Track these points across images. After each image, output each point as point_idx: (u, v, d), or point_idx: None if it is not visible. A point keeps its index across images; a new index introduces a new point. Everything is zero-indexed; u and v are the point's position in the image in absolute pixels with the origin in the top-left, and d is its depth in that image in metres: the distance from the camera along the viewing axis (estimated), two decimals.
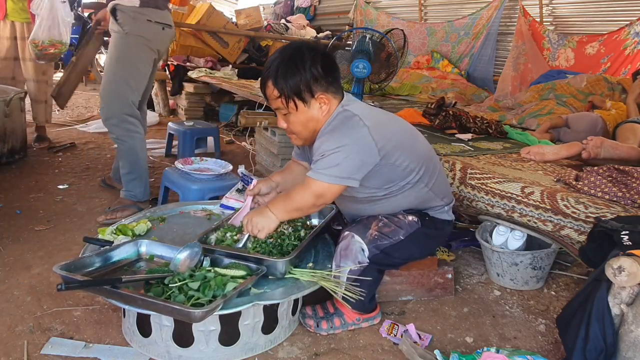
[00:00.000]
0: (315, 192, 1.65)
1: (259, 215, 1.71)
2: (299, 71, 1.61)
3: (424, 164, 1.78)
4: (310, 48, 1.67)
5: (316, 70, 1.63)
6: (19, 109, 3.60)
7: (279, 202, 1.74)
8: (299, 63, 1.62)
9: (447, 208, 1.92)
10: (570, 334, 1.45)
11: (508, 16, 5.71)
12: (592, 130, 3.00)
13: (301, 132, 1.72)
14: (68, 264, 1.52)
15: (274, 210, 1.70)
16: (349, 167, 1.61)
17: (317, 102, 1.67)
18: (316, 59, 1.64)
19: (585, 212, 1.86)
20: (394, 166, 1.70)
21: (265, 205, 1.76)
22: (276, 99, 1.66)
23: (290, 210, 1.72)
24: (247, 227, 1.72)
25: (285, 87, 1.62)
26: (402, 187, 1.77)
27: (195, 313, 1.33)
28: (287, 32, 7.24)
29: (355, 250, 1.73)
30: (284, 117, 1.71)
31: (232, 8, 9.35)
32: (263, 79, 1.68)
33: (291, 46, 1.70)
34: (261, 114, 3.58)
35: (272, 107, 1.72)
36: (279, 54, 1.66)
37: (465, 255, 2.50)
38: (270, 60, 1.67)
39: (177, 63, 5.71)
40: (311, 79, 1.63)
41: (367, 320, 1.83)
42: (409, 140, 1.79)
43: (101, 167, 3.63)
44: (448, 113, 3.27)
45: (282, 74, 1.61)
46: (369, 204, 1.81)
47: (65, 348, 1.59)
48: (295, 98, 1.64)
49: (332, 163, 1.60)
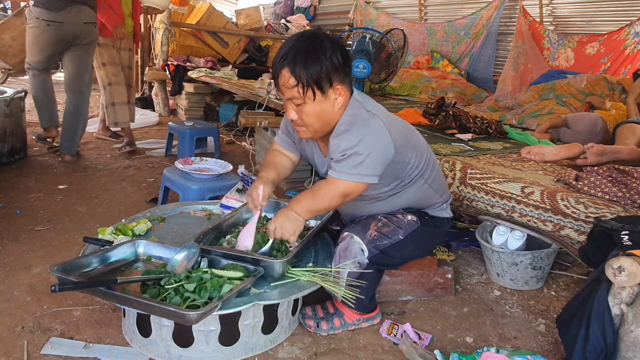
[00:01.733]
0: (342, 192, 1.62)
1: (286, 219, 1.67)
2: (319, 59, 1.54)
3: (425, 160, 1.79)
4: (328, 36, 1.60)
5: (336, 59, 1.56)
6: (19, 109, 3.60)
7: (303, 202, 1.69)
8: (319, 50, 1.54)
9: (445, 205, 1.93)
10: (570, 334, 1.45)
11: (508, 16, 5.72)
12: (592, 131, 3.01)
13: (314, 123, 1.63)
14: (64, 265, 1.52)
15: (299, 211, 1.68)
16: (372, 164, 1.59)
17: (334, 93, 1.60)
18: (336, 47, 1.58)
19: (585, 212, 1.86)
20: (402, 163, 1.70)
21: (288, 208, 1.70)
22: (292, 88, 1.56)
23: (317, 210, 1.70)
24: (276, 233, 1.68)
25: (304, 75, 1.53)
26: (406, 184, 1.77)
27: (190, 315, 1.33)
28: (287, 32, 7.24)
29: (354, 250, 1.73)
30: (296, 108, 1.61)
31: (232, 8, 9.35)
32: (277, 67, 1.57)
33: (308, 34, 1.61)
34: (261, 114, 3.58)
35: (285, 97, 1.61)
36: (296, 41, 1.57)
37: (465, 255, 2.50)
38: (285, 48, 1.57)
39: (177, 63, 5.71)
40: (331, 68, 1.56)
41: (367, 320, 1.83)
42: (413, 136, 1.79)
43: (101, 167, 3.63)
44: (448, 113, 3.27)
45: (301, 61, 1.53)
46: (371, 202, 1.81)
47: (65, 348, 1.59)
48: (314, 87, 1.56)
49: (356, 162, 1.58)
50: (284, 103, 1.66)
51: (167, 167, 2.81)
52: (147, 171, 3.63)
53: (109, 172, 3.53)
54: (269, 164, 1.92)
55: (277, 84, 1.62)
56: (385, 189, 1.75)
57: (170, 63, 5.72)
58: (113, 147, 4.23)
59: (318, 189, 1.68)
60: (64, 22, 3.44)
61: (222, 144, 4.38)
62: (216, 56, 6.17)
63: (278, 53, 1.59)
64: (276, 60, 1.59)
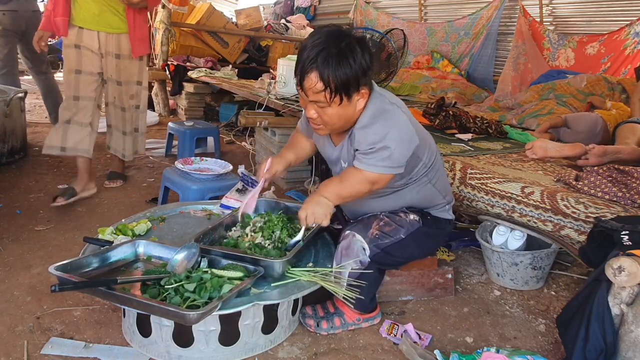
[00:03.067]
0: (370, 179, 1.64)
1: (317, 204, 1.69)
2: (350, 64, 1.50)
3: (433, 160, 1.81)
4: (356, 37, 1.56)
5: (365, 62, 1.54)
6: (19, 109, 3.61)
7: (332, 187, 1.71)
8: (350, 54, 1.51)
9: (448, 207, 1.93)
10: (570, 334, 1.45)
11: (508, 16, 5.72)
12: (593, 131, 3.01)
13: (335, 124, 1.63)
14: (64, 265, 1.52)
15: (329, 196, 1.70)
16: (400, 156, 1.62)
17: (358, 97, 1.60)
18: (364, 49, 1.55)
19: (585, 212, 1.86)
20: (418, 158, 1.73)
21: (317, 193, 1.72)
22: (319, 92, 1.53)
23: (346, 196, 1.71)
24: (308, 219, 1.69)
25: (334, 81, 1.50)
26: (413, 181, 1.78)
27: (190, 315, 1.33)
28: (287, 32, 7.24)
29: (356, 249, 1.73)
30: (318, 109, 1.59)
31: (232, 8, 9.35)
32: (304, 69, 1.52)
33: (337, 33, 1.55)
34: (261, 114, 3.58)
35: (309, 99, 1.58)
36: (324, 42, 1.51)
37: (465, 255, 2.50)
38: (315, 49, 1.51)
39: (177, 63, 5.71)
40: (360, 73, 1.54)
41: (368, 320, 1.83)
42: (427, 136, 1.82)
43: (101, 167, 3.63)
44: (448, 113, 3.27)
45: (332, 66, 1.49)
46: (375, 198, 1.81)
47: (65, 348, 1.59)
48: (342, 93, 1.53)
49: (384, 155, 1.60)
50: (304, 102, 1.64)
51: (167, 167, 2.81)
52: (147, 171, 3.63)
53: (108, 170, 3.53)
54: (289, 145, 2.01)
55: (301, 84, 1.57)
56: (396, 182, 1.76)
57: (170, 63, 5.72)
58: None
59: (347, 175, 1.69)
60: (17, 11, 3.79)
61: (222, 144, 4.38)
62: (216, 56, 6.16)
63: (305, 52, 1.53)
64: (304, 61, 1.53)
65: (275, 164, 1.90)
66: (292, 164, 1.97)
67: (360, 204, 1.86)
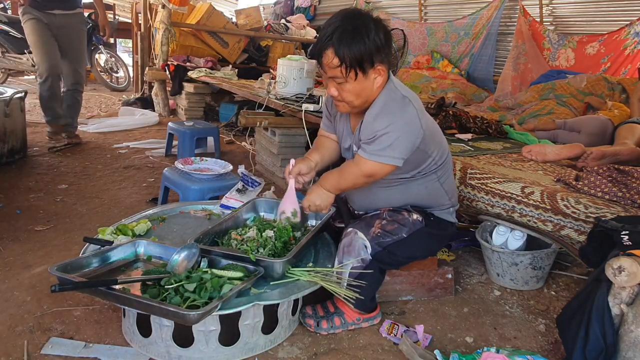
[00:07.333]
0: (367, 172, 1.69)
1: (317, 196, 1.82)
2: (364, 40, 1.56)
3: (444, 159, 1.83)
4: (372, 17, 1.63)
5: (379, 40, 1.59)
6: (19, 109, 3.60)
7: (331, 179, 1.81)
8: (364, 32, 1.57)
9: (452, 210, 1.94)
10: (570, 334, 1.45)
11: (508, 16, 5.71)
12: (603, 134, 3.00)
13: (353, 101, 1.68)
14: (64, 265, 1.52)
15: (328, 187, 1.81)
16: (400, 148, 1.64)
17: (375, 73, 1.64)
18: (379, 28, 1.61)
19: (585, 212, 1.86)
20: (426, 154, 1.75)
21: (317, 185, 1.83)
22: (335, 68, 1.60)
23: (344, 188, 1.82)
24: (310, 208, 1.84)
25: (349, 55, 1.57)
26: (422, 175, 1.80)
27: (190, 315, 1.33)
28: (287, 32, 7.24)
29: (358, 246, 1.74)
30: (337, 86, 1.66)
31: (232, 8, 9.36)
32: (322, 47, 1.61)
33: (353, 14, 1.63)
34: (261, 114, 3.58)
35: (327, 75, 1.66)
36: (340, 21, 1.59)
37: (465, 255, 2.50)
38: (331, 28, 1.59)
39: (177, 63, 5.71)
40: (374, 49, 1.59)
41: (368, 320, 1.83)
42: (438, 134, 1.84)
43: (101, 167, 3.63)
44: (448, 113, 3.27)
45: (346, 42, 1.56)
46: (382, 187, 1.83)
47: (65, 348, 1.59)
48: (356, 67, 1.59)
49: (384, 144, 1.63)
50: (325, 80, 1.71)
51: (167, 167, 2.81)
52: (147, 171, 3.63)
53: (109, 172, 3.54)
54: (313, 148, 2.05)
55: (320, 62, 1.65)
56: (403, 175, 1.79)
57: (170, 63, 5.72)
58: (113, 147, 4.23)
59: (345, 168, 1.78)
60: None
61: (222, 144, 4.38)
62: (216, 56, 6.17)
63: (323, 31, 1.62)
64: (321, 39, 1.62)
65: (298, 163, 1.93)
66: (318, 165, 1.97)
67: (366, 195, 1.88)
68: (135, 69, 7.28)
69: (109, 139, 4.49)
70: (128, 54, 10.50)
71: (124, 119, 5.32)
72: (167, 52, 5.82)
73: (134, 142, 4.43)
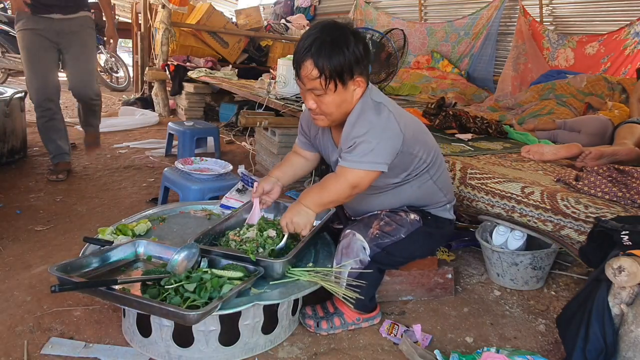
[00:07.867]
0: (351, 183, 1.63)
1: (297, 214, 1.70)
2: (343, 52, 1.56)
3: (432, 157, 1.81)
4: (350, 29, 1.63)
5: (359, 52, 1.59)
6: (19, 109, 3.60)
7: (312, 195, 1.72)
8: (343, 43, 1.57)
9: (449, 206, 1.93)
10: (570, 334, 1.45)
11: (508, 16, 5.71)
12: (604, 134, 3.00)
13: (333, 113, 1.67)
14: (64, 265, 1.52)
15: (309, 204, 1.71)
16: (382, 152, 1.62)
17: (354, 85, 1.64)
18: (358, 40, 1.61)
19: (585, 212, 1.86)
20: (411, 155, 1.73)
21: (298, 202, 1.73)
22: (314, 79, 1.58)
23: (326, 203, 1.72)
24: (288, 227, 1.71)
25: (328, 67, 1.56)
26: (413, 177, 1.79)
27: (190, 315, 1.33)
28: (287, 32, 7.24)
29: (356, 248, 1.74)
30: (316, 98, 1.64)
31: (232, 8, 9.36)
32: (300, 58, 1.59)
33: (331, 25, 1.62)
34: (261, 114, 3.58)
35: (306, 87, 1.64)
36: (319, 32, 1.59)
37: (465, 255, 2.50)
38: (310, 39, 1.58)
39: (177, 63, 5.71)
40: (354, 61, 1.58)
41: (367, 320, 1.83)
42: (422, 133, 1.82)
43: (101, 167, 3.63)
44: (448, 113, 3.27)
45: (325, 53, 1.55)
46: (376, 194, 1.82)
47: (65, 348, 1.59)
48: (336, 79, 1.58)
49: (366, 150, 1.60)
50: (303, 93, 1.69)
51: (167, 167, 2.81)
52: (147, 171, 3.63)
53: (109, 172, 3.54)
54: (276, 166, 2.06)
55: (298, 74, 1.64)
56: (393, 180, 1.77)
57: (170, 63, 5.72)
58: (113, 147, 4.23)
59: (327, 182, 1.70)
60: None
61: (222, 144, 4.38)
62: (216, 56, 6.17)
63: (301, 43, 1.60)
64: (300, 51, 1.60)
65: (262, 182, 1.94)
66: (280, 180, 1.96)
67: (360, 201, 1.87)
68: (135, 69, 7.28)
69: (109, 139, 4.49)
70: (128, 54, 10.50)
71: (124, 119, 5.32)
72: (167, 52, 5.82)
73: (134, 142, 4.43)
